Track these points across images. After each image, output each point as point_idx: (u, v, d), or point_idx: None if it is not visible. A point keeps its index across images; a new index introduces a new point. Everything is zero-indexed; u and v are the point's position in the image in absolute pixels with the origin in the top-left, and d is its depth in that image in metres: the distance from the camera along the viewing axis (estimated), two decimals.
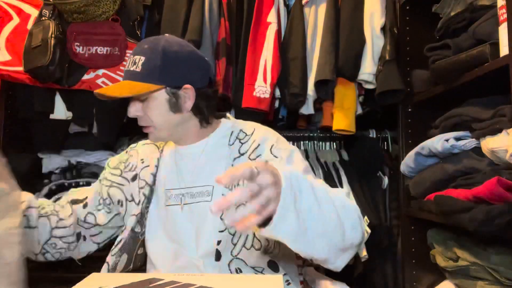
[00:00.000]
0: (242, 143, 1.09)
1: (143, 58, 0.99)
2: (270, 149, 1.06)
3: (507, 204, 0.99)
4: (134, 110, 1.03)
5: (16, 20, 1.76)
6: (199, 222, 1.05)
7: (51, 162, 1.90)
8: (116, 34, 1.72)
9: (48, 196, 1.84)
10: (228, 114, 1.19)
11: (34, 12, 1.76)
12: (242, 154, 1.07)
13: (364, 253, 1.65)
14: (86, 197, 1.17)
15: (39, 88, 1.74)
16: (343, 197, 0.87)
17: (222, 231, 1.02)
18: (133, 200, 1.13)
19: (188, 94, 1.04)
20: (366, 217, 1.68)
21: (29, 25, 1.73)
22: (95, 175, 1.86)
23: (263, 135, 1.09)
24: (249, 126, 1.14)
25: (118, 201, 1.15)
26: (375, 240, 1.70)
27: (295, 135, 2.01)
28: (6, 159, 0.77)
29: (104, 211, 1.16)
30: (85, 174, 1.87)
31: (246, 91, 1.65)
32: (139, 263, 1.13)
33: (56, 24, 1.66)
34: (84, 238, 1.17)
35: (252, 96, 1.64)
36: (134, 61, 1.00)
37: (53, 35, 1.63)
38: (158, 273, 0.99)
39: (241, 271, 1.03)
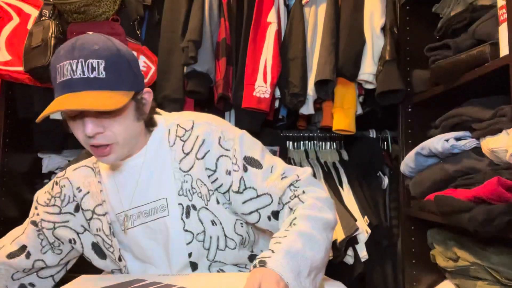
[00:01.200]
0: (183, 141, 0.98)
1: (102, 62, 0.83)
2: (219, 143, 0.97)
3: (507, 204, 0.99)
4: (95, 127, 0.85)
5: (16, 20, 1.76)
6: (164, 240, 0.98)
7: (51, 162, 1.91)
8: (116, 34, 1.72)
9: None
10: (157, 109, 1.04)
11: (34, 12, 1.76)
12: (187, 154, 0.97)
13: (364, 253, 1.65)
14: (24, 246, 1.06)
15: (39, 88, 1.74)
16: (317, 214, 0.88)
17: (190, 243, 0.97)
18: (86, 230, 1.04)
19: (147, 98, 0.94)
20: (366, 217, 1.68)
21: (29, 25, 1.73)
22: None
23: (205, 129, 0.98)
24: (186, 119, 1.01)
25: (70, 240, 1.05)
26: (375, 240, 1.70)
27: (295, 135, 2.01)
28: (6, 159, 0.77)
29: (51, 252, 1.07)
30: None
31: (246, 91, 1.65)
32: None
33: (56, 24, 1.66)
34: (33, 285, 1.10)
35: (252, 96, 1.64)
36: (91, 65, 0.82)
37: (53, 35, 1.62)
38: (142, 275, 0.97)
39: (223, 271, 1.01)
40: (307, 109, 1.73)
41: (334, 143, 2.06)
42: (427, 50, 1.43)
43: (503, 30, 1.08)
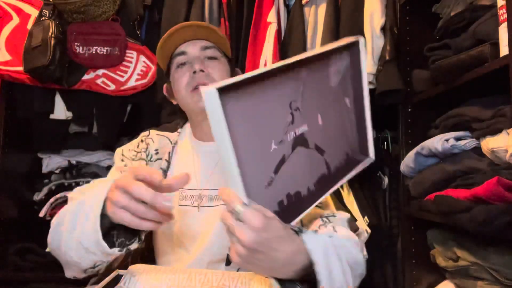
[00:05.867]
0: None
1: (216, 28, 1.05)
2: None
3: (507, 204, 0.99)
4: (201, 65, 1.02)
5: (16, 20, 1.76)
6: (216, 227, 0.98)
7: (51, 162, 1.90)
8: (116, 34, 1.72)
9: (48, 196, 1.84)
10: None
11: (34, 12, 1.76)
12: None
13: (364, 253, 1.64)
14: None
15: (39, 88, 1.74)
16: (353, 248, 0.85)
17: None
18: None
19: (238, 73, 1.10)
20: (366, 217, 1.67)
21: (29, 25, 1.73)
22: (95, 175, 1.86)
23: None
24: None
25: None
26: (375, 240, 1.70)
27: None
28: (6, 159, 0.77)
29: None
30: (85, 174, 1.87)
31: None
32: (136, 259, 1.08)
33: (56, 24, 1.66)
34: None
35: None
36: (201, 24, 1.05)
37: (53, 35, 1.63)
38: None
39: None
40: None
41: None
42: (427, 50, 1.43)
43: (503, 30, 1.08)
